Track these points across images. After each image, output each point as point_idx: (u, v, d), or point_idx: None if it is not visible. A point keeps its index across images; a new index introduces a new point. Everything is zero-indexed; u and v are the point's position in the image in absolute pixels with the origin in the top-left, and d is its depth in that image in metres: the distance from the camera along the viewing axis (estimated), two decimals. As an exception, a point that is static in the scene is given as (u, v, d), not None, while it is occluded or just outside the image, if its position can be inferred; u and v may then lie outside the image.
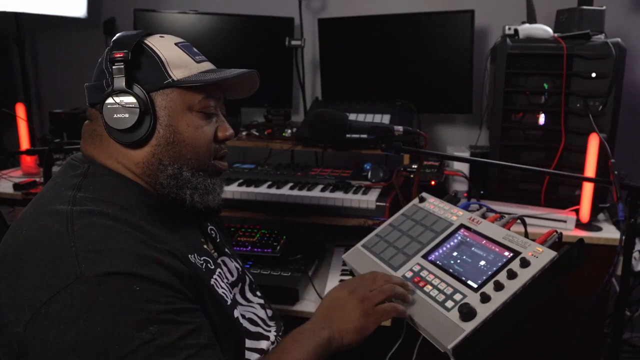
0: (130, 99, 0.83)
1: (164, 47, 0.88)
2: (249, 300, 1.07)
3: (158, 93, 0.86)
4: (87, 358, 0.66)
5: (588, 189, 1.65)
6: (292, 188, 1.72)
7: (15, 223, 0.81)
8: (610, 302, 1.58)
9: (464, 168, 1.85)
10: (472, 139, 2.23)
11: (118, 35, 0.88)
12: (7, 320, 0.71)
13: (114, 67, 0.83)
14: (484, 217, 1.03)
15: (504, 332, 0.82)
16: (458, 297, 0.86)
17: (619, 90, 1.64)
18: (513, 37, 1.78)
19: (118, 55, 0.83)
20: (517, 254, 0.88)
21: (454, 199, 1.14)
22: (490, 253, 0.92)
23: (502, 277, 0.85)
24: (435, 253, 0.99)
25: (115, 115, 0.83)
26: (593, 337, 1.67)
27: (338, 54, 2.17)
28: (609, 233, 1.64)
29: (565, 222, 1.64)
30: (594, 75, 1.66)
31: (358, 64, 2.14)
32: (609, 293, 1.65)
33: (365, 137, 1.57)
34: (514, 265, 0.86)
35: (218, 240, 1.05)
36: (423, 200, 1.16)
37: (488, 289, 0.84)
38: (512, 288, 0.82)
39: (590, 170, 1.62)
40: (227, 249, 1.07)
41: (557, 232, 0.91)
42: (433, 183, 1.75)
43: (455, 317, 0.82)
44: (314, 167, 1.96)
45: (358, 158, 1.97)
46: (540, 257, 0.85)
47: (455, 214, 1.06)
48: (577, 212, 1.67)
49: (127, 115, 0.83)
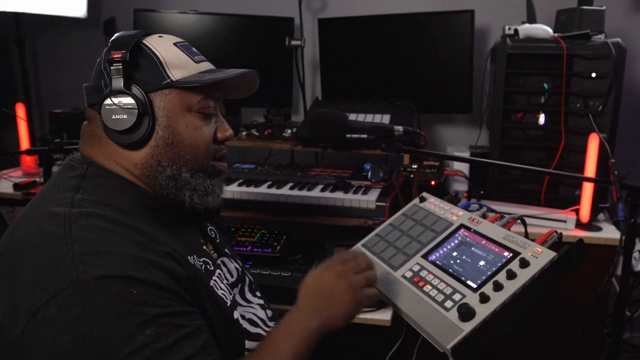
0: (129, 100, 0.82)
1: (163, 47, 0.87)
2: (249, 301, 1.07)
3: (157, 94, 0.85)
4: None
5: (588, 189, 1.65)
6: (292, 188, 1.72)
7: (14, 224, 0.81)
8: (610, 302, 1.58)
9: (464, 168, 1.85)
10: (472, 139, 2.22)
11: (116, 35, 0.87)
12: (5, 323, 0.71)
13: (112, 67, 0.83)
14: (484, 217, 1.03)
15: (504, 332, 0.82)
16: (457, 297, 0.86)
17: (619, 90, 1.64)
18: (513, 37, 1.78)
19: (116, 56, 0.82)
20: (516, 254, 0.88)
21: (454, 199, 1.14)
22: (490, 253, 0.92)
23: (501, 277, 0.85)
24: (435, 253, 0.99)
25: (114, 116, 0.83)
26: (593, 337, 1.67)
27: (338, 54, 2.17)
28: (609, 233, 1.64)
29: (565, 222, 1.64)
30: (594, 75, 1.66)
31: (358, 64, 2.14)
32: (609, 293, 1.65)
33: (365, 137, 1.56)
34: (514, 266, 0.86)
35: (218, 241, 1.05)
36: (423, 200, 1.16)
37: (487, 289, 0.84)
38: (511, 288, 0.82)
39: (590, 170, 1.62)
40: (227, 250, 1.07)
41: (557, 232, 0.91)
42: (433, 183, 1.75)
43: (455, 317, 0.82)
44: (314, 167, 1.96)
45: (358, 158, 1.97)
46: (540, 257, 0.85)
47: (456, 214, 1.06)
48: (577, 212, 1.67)
49: (125, 117, 0.82)
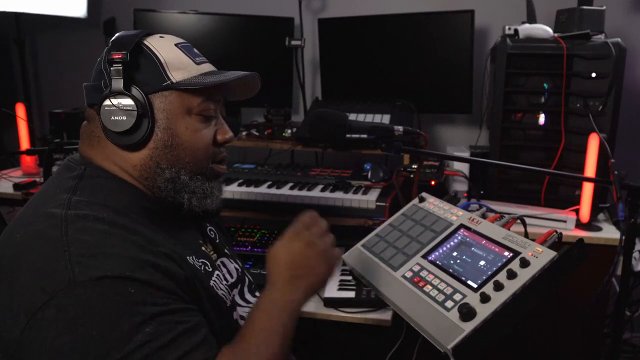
0: (128, 101, 0.82)
1: (164, 48, 0.87)
2: (248, 302, 1.06)
3: (156, 95, 0.85)
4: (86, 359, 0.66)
5: (588, 189, 1.65)
6: (292, 188, 1.72)
7: (11, 225, 0.81)
8: (610, 302, 1.58)
9: (464, 168, 1.85)
10: (472, 139, 2.22)
11: (117, 35, 0.87)
12: (3, 325, 0.71)
13: (112, 68, 0.82)
14: (484, 217, 1.03)
15: (504, 332, 0.82)
16: (458, 297, 0.86)
17: (619, 90, 1.64)
18: (513, 37, 1.78)
19: (116, 57, 0.81)
20: (517, 254, 0.88)
21: (454, 199, 1.13)
22: (490, 253, 0.92)
23: (501, 277, 0.85)
24: (435, 253, 0.99)
25: (113, 118, 0.82)
26: (593, 337, 1.67)
27: (338, 54, 2.17)
28: (609, 233, 1.64)
29: (565, 222, 1.64)
30: (594, 75, 1.66)
31: (358, 64, 2.14)
32: (609, 293, 1.65)
33: (365, 137, 1.56)
34: (514, 265, 0.86)
35: (217, 241, 1.05)
36: (423, 200, 1.16)
37: (488, 289, 0.84)
38: (511, 288, 0.82)
39: (590, 170, 1.62)
40: (226, 250, 1.07)
41: (557, 232, 0.91)
42: (433, 183, 1.75)
43: (455, 317, 0.82)
44: (314, 167, 1.96)
45: (358, 158, 1.97)
46: (540, 257, 0.85)
47: (455, 214, 1.06)
48: (577, 212, 1.67)
49: (124, 118, 0.82)
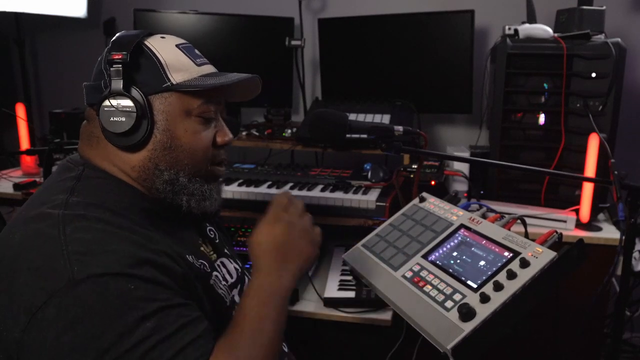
0: (128, 102, 0.82)
1: (164, 48, 0.86)
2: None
3: (156, 96, 0.84)
4: (86, 358, 0.66)
5: (588, 189, 1.65)
6: (292, 188, 1.72)
7: (9, 225, 0.81)
8: (610, 302, 1.58)
9: (464, 168, 1.85)
10: (472, 139, 2.22)
11: (118, 35, 0.86)
12: (3, 325, 0.71)
13: (112, 68, 0.82)
14: (484, 217, 1.03)
15: (504, 332, 0.82)
16: (458, 297, 0.86)
17: (619, 90, 1.64)
18: (513, 37, 1.78)
19: (116, 57, 0.81)
20: (516, 254, 0.88)
21: (454, 199, 1.13)
22: (490, 253, 0.92)
23: (501, 277, 0.85)
24: (435, 253, 0.99)
25: (112, 118, 0.82)
26: (593, 337, 1.67)
27: (338, 54, 2.17)
28: (609, 233, 1.64)
29: (565, 222, 1.64)
30: (594, 75, 1.66)
31: (358, 64, 2.14)
32: (609, 293, 1.65)
33: (365, 137, 1.56)
34: (514, 266, 0.86)
35: (217, 241, 1.05)
36: (423, 200, 1.16)
37: (488, 289, 0.84)
38: (511, 288, 0.82)
39: (590, 170, 1.62)
40: (226, 250, 1.07)
41: (557, 232, 0.91)
42: (433, 183, 1.75)
43: (455, 317, 0.82)
44: (314, 167, 1.96)
45: (358, 158, 1.97)
46: (540, 257, 0.85)
47: (456, 214, 1.06)
48: (577, 212, 1.67)
49: (123, 119, 0.82)
